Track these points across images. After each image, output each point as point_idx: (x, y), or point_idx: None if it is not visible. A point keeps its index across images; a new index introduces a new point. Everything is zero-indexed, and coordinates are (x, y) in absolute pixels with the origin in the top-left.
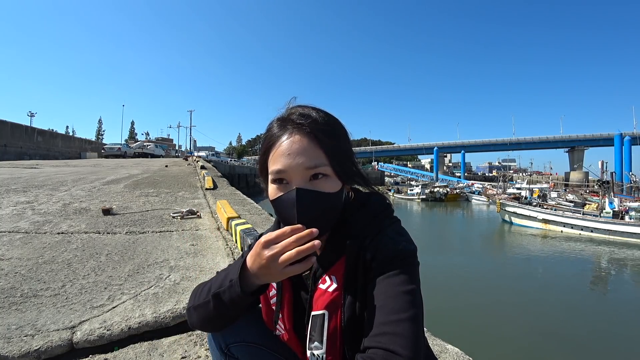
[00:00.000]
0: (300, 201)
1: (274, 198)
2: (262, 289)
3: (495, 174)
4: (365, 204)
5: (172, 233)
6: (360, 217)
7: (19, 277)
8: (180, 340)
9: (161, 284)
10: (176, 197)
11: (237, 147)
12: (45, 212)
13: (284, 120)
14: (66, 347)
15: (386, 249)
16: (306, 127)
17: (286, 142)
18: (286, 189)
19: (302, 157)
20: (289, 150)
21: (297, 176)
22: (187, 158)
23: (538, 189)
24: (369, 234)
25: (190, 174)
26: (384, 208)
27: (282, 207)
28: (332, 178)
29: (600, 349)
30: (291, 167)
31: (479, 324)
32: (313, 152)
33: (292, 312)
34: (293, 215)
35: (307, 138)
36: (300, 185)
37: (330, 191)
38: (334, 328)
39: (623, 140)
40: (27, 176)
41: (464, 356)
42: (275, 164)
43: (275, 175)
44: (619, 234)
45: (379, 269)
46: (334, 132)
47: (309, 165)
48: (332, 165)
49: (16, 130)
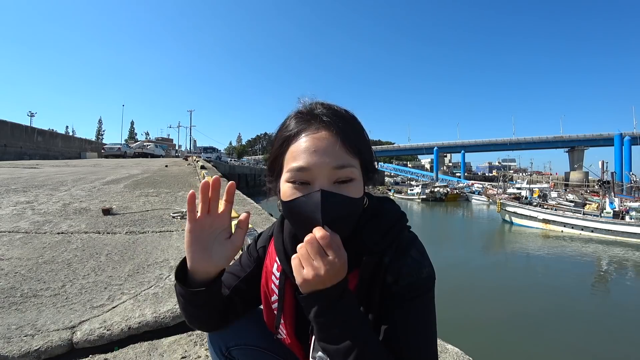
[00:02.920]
0: (325, 205)
1: (291, 199)
2: (212, 286)
3: (495, 174)
4: (378, 213)
5: (172, 233)
6: (374, 227)
7: (19, 277)
8: (180, 340)
9: (161, 284)
10: (176, 197)
11: (237, 147)
12: (45, 212)
13: (306, 114)
14: (66, 347)
15: (409, 276)
16: (334, 124)
17: (311, 137)
18: (306, 190)
19: (329, 156)
20: (314, 147)
21: (321, 176)
22: (187, 158)
23: (538, 189)
24: (386, 249)
25: (190, 174)
26: (399, 218)
27: (300, 209)
28: (357, 182)
29: (600, 349)
30: (316, 165)
31: (479, 323)
32: (341, 151)
33: (294, 318)
34: (316, 219)
35: (335, 136)
36: (324, 186)
37: (355, 196)
38: None
39: (623, 140)
40: (27, 176)
41: (464, 356)
42: (296, 160)
43: (294, 173)
44: (620, 234)
45: (400, 295)
46: (361, 132)
47: (337, 165)
48: (359, 168)
49: (16, 130)
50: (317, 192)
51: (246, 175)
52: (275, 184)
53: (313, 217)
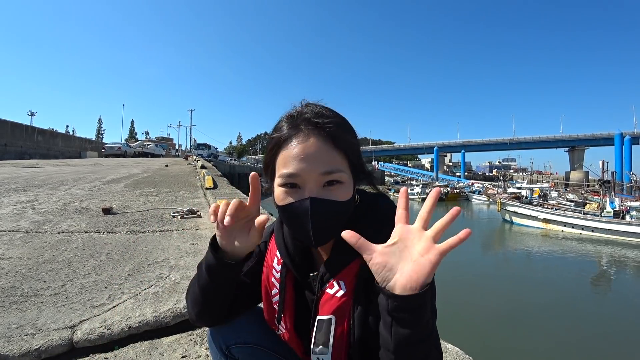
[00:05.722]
0: (315, 212)
1: (284, 204)
2: (239, 264)
3: (496, 174)
4: (373, 208)
5: (173, 232)
6: (370, 222)
7: (19, 276)
8: (181, 340)
9: (161, 284)
10: (176, 196)
11: (237, 147)
12: (45, 212)
13: (296, 118)
14: (66, 346)
15: None
16: (322, 128)
17: (300, 144)
18: (297, 194)
19: (318, 162)
20: (302, 154)
21: (310, 182)
22: (187, 157)
23: (538, 189)
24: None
25: (191, 173)
26: (394, 213)
27: (292, 214)
28: (346, 184)
29: (600, 349)
30: (305, 172)
31: (479, 323)
32: (328, 156)
33: (294, 312)
34: (306, 225)
35: (323, 141)
36: (313, 192)
37: (344, 199)
38: (340, 334)
39: (623, 140)
40: (28, 175)
41: (464, 356)
42: (287, 166)
43: (285, 179)
44: (620, 233)
45: None
46: (348, 135)
47: (325, 171)
48: (347, 171)
49: (16, 130)
50: (306, 199)
51: (246, 175)
52: (270, 186)
53: (304, 222)
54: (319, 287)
